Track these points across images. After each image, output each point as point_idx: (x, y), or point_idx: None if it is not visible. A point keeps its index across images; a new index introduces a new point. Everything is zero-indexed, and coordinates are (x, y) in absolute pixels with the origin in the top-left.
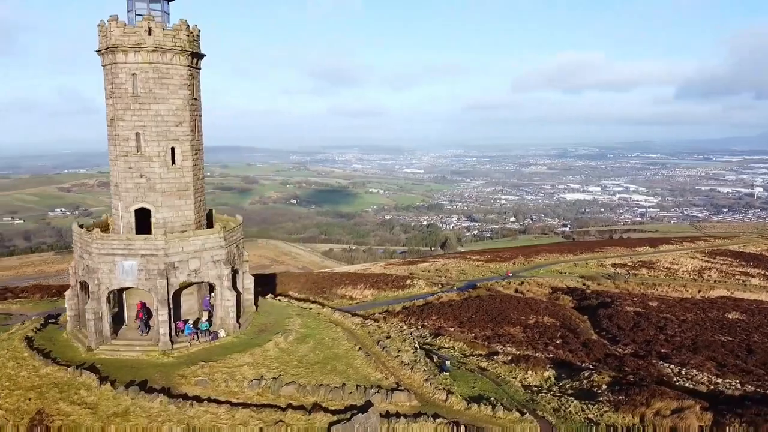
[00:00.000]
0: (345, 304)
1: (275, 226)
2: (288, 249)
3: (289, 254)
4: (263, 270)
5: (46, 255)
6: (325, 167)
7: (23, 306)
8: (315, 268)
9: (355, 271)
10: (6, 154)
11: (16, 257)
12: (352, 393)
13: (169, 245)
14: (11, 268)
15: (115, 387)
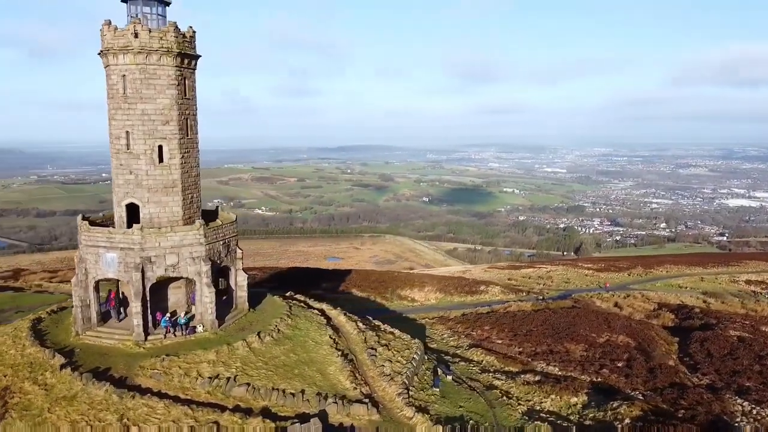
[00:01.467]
0: (403, 306)
1: (406, 223)
2: (413, 246)
3: (413, 251)
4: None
5: None
6: (460, 166)
7: None
8: (437, 265)
9: (445, 273)
10: None
11: None
12: (309, 401)
13: (144, 240)
14: None
15: (73, 372)
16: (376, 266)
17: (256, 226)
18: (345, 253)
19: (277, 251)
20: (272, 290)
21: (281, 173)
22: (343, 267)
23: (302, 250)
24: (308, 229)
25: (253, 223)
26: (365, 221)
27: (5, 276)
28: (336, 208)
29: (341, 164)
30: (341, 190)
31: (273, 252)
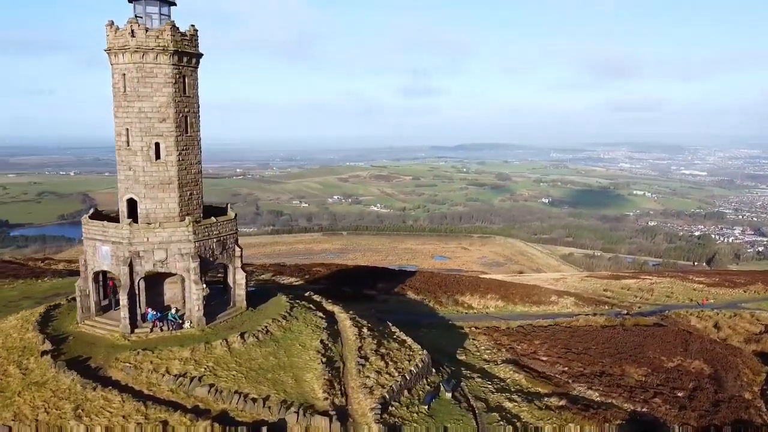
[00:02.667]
0: (456, 313)
1: (520, 225)
2: (525, 249)
3: (524, 254)
4: (497, 268)
5: (315, 235)
6: (585, 166)
7: None
8: (549, 270)
9: (537, 282)
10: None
11: (292, 235)
12: (270, 408)
13: (133, 234)
14: (286, 244)
15: (52, 359)
16: (483, 267)
17: (370, 222)
18: (453, 253)
19: (386, 248)
20: (326, 288)
21: (398, 171)
22: (448, 267)
23: (410, 247)
24: (418, 228)
25: (368, 219)
26: (478, 221)
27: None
28: (449, 207)
29: (458, 163)
30: (455, 189)
31: (382, 248)
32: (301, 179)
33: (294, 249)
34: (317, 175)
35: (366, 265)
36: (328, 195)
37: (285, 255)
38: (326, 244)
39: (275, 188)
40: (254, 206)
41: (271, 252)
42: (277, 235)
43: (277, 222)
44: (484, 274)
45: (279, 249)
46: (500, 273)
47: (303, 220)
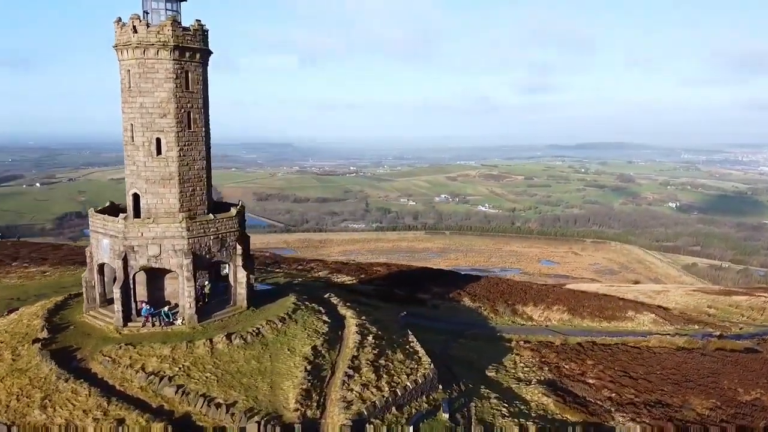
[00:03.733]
0: (510, 324)
1: (642, 231)
2: (643, 256)
3: (642, 262)
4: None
5: (418, 233)
6: (721, 168)
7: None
8: (669, 281)
9: (636, 294)
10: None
11: (396, 232)
12: (233, 415)
13: (127, 229)
14: (389, 241)
15: (41, 348)
16: (594, 275)
17: (476, 222)
18: (562, 258)
19: (490, 249)
20: (378, 288)
21: (509, 171)
22: (556, 272)
23: (516, 250)
24: (525, 229)
25: (474, 219)
26: (594, 225)
27: None
28: (563, 210)
29: (576, 163)
30: (571, 190)
31: (485, 250)
32: (410, 177)
33: (396, 246)
34: (426, 173)
35: (429, 267)
36: (436, 194)
37: (387, 252)
38: (428, 243)
39: (385, 186)
40: (364, 203)
41: (374, 248)
42: (381, 232)
43: (384, 219)
44: (594, 282)
45: (382, 246)
46: (613, 281)
47: (409, 218)
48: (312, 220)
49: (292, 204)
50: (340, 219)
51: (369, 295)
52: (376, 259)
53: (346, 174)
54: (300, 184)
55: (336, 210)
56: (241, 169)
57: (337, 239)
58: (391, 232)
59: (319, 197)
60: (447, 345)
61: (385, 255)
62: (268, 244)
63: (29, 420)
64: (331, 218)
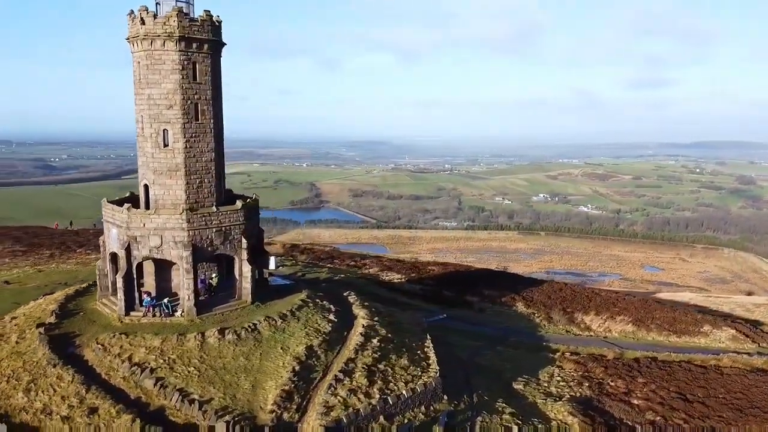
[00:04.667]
0: (563, 334)
1: (761, 237)
2: (759, 265)
3: (759, 272)
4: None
5: (511, 233)
6: None
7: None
8: None
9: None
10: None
11: (487, 232)
12: (206, 412)
13: (130, 219)
14: (480, 240)
15: (42, 333)
16: (703, 283)
17: (577, 224)
18: (667, 265)
19: (588, 252)
20: (426, 288)
21: (615, 170)
22: (660, 279)
23: (617, 254)
24: (629, 232)
25: (575, 220)
26: (708, 230)
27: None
28: (673, 212)
29: (690, 162)
30: (684, 192)
31: (583, 253)
32: (507, 176)
33: (486, 246)
34: (524, 171)
35: (487, 268)
36: (534, 193)
37: (476, 251)
38: (521, 244)
39: (479, 184)
40: (457, 201)
41: (463, 247)
42: (472, 231)
43: (477, 218)
44: (702, 290)
45: (472, 245)
46: (725, 291)
47: (504, 217)
48: (404, 217)
49: (386, 201)
50: (432, 216)
51: (413, 294)
52: (464, 259)
53: (440, 172)
54: (394, 181)
55: (428, 207)
56: (340, 166)
57: (427, 237)
58: (481, 231)
59: (412, 195)
60: (478, 352)
61: (474, 255)
62: (360, 239)
63: (11, 402)
64: (423, 216)
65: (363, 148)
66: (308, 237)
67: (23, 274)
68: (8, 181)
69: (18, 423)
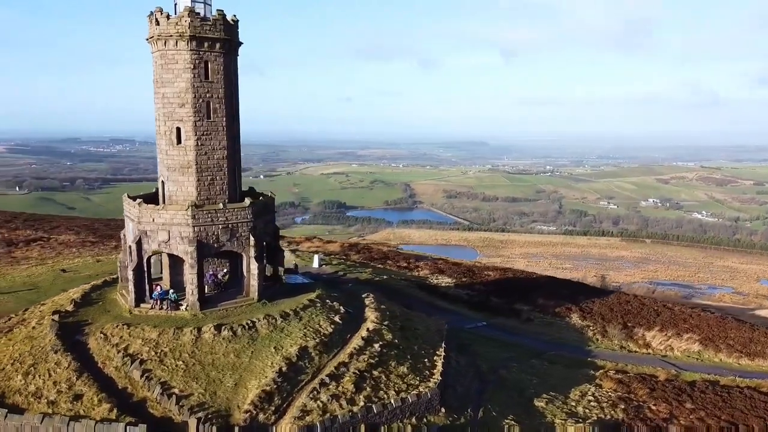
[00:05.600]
0: (618, 350)
1: None
2: None
3: None
4: None
5: (613, 240)
6: None
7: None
8: None
9: None
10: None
11: (587, 237)
12: (182, 407)
13: (141, 214)
14: (578, 246)
15: (58, 318)
16: None
17: (688, 231)
18: None
19: (698, 263)
20: (474, 294)
21: (735, 174)
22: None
23: (731, 266)
24: (747, 242)
25: (687, 228)
26: None
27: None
28: None
29: None
30: None
31: (692, 263)
32: (613, 179)
33: (585, 252)
34: (632, 174)
35: (553, 276)
36: (642, 197)
37: (573, 257)
38: (623, 251)
39: (582, 187)
40: (557, 204)
41: (559, 252)
42: (570, 236)
43: (578, 222)
44: None
45: (569, 251)
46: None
47: (608, 223)
48: (499, 220)
49: (481, 202)
50: (530, 220)
51: (456, 299)
52: (560, 265)
53: (539, 173)
54: (490, 182)
55: (525, 210)
56: (435, 167)
57: (520, 240)
58: (580, 237)
59: (509, 196)
60: (505, 364)
61: (571, 261)
62: (449, 240)
63: (10, 384)
64: (520, 218)
65: (460, 149)
66: (398, 237)
67: (83, 263)
68: (132, 177)
69: (10, 404)
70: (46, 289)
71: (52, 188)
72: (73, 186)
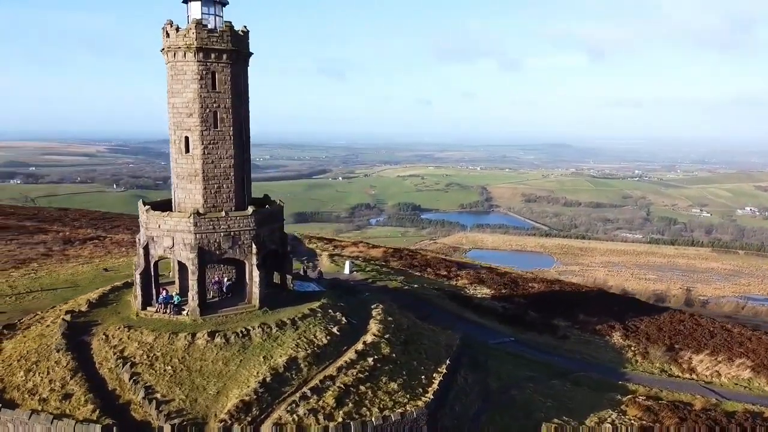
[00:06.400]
0: (656, 374)
1: None
2: None
3: None
4: None
5: (702, 250)
6: None
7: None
8: None
9: None
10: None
11: (674, 247)
12: (161, 413)
13: (148, 220)
14: (664, 256)
15: (68, 318)
16: None
17: None
18: None
19: None
20: (511, 307)
21: None
22: None
23: None
24: None
25: None
26: None
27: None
28: None
29: None
30: None
31: None
32: (706, 185)
33: (671, 263)
34: (728, 180)
35: (601, 290)
36: (738, 205)
37: (657, 268)
38: (714, 263)
39: (673, 193)
40: (645, 211)
41: (643, 262)
42: (656, 245)
43: (667, 231)
44: None
45: (654, 261)
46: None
47: (700, 232)
48: (581, 226)
49: (562, 207)
50: (614, 227)
51: (488, 312)
52: (643, 275)
53: (627, 178)
54: (572, 186)
55: (610, 217)
56: (514, 169)
57: (601, 248)
58: (667, 246)
59: (592, 202)
60: (519, 383)
61: (655, 272)
62: (525, 246)
63: (12, 380)
64: (603, 225)
65: (542, 151)
66: (471, 241)
67: (126, 262)
68: None
69: (7, 399)
70: (84, 287)
71: (146, 186)
72: (166, 184)
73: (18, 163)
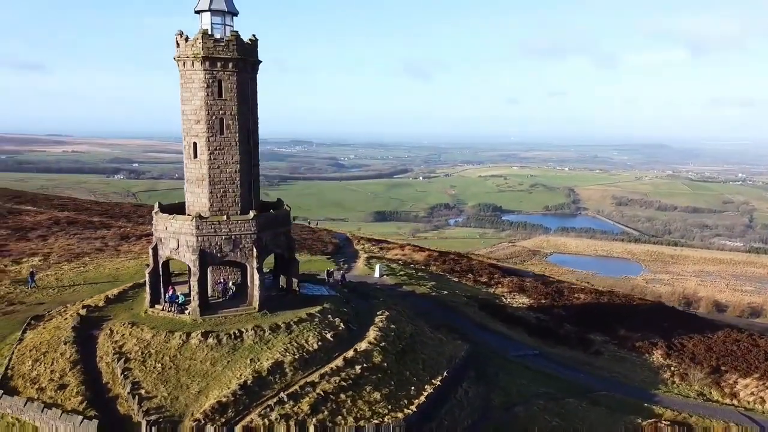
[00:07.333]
0: (694, 398)
1: None
2: None
3: None
4: None
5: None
6: None
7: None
8: None
9: None
10: None
11: None
12: (141, 407)
13: (157, 222)
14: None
15: (83, 312)
16: None
17: None
18: None
19: None
20: (547, 319)
21: None
22: None
23: None
24: None
25: None
26: None
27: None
28: None
29: None
30: None
31: None
32: None
33: None
34: None
35: (656, 302)
36: None
37: (756, 279)
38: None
39: None
40: (747, 217)
41: (741, 273)
42: (756, 255)
43: None
44: None
45: (752, 271)
46: None
47: None
48: (676, 232)
49: (655, 212)
50: (712, 234)
51: (518, 323)
52: (740, 287)
53: (729, 181)
54: (668, 189)
55: (708, 222)
56: (605, 171)
57: (695, 256)
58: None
59: (689, 206)
60: (528, 400)
61: (754, 283)
62: (611, 252)
63: (20, 368)
64: (700, 231)
65: (637, 152)
66: (552, 245)
67: None
68: (306, 175)
69: (12, 386)
70: (123, 282)
71: None
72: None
73: (122, 160)
